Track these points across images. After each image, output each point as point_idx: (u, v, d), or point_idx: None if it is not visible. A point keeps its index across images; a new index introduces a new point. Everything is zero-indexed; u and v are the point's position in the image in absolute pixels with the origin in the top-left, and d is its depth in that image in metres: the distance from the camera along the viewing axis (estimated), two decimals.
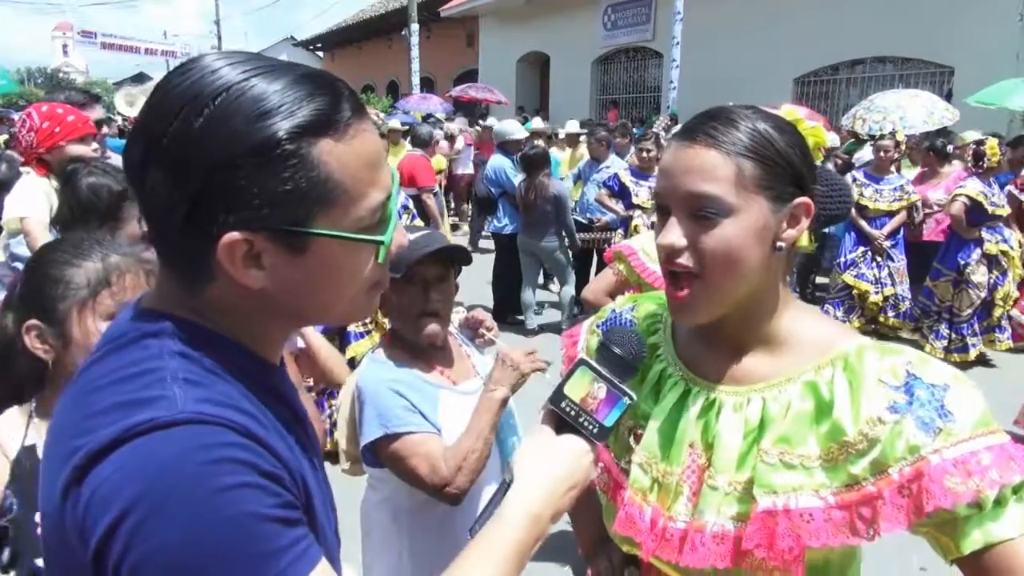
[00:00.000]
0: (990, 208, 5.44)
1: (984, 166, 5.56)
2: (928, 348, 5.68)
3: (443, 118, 13.69)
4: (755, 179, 0.92)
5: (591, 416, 0.89)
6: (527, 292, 6.46)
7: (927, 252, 6.11)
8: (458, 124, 12.63)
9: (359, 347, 3.93)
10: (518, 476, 0.85)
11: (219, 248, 0.66)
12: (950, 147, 6.54)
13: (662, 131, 7.40)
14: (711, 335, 1.05)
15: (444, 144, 10.70)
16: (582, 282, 6.46)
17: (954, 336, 5.71)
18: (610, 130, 8.11)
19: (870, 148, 7.14)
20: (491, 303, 6.75)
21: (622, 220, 6.03)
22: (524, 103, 19.30)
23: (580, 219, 6.58)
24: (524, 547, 0.80)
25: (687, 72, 12.53)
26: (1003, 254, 5.62)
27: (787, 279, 1.03)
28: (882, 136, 6.38)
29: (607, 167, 6.72)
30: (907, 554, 2.78)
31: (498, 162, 6.81)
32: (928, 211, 6.34)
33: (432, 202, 6.37)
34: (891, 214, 6.07)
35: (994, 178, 5.68)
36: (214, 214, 0.66)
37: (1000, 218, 5.57)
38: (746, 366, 1.01)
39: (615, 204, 6.05)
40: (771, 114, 0.98)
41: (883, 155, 6.13)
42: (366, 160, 0.71)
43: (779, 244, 0.95)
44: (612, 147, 7.26)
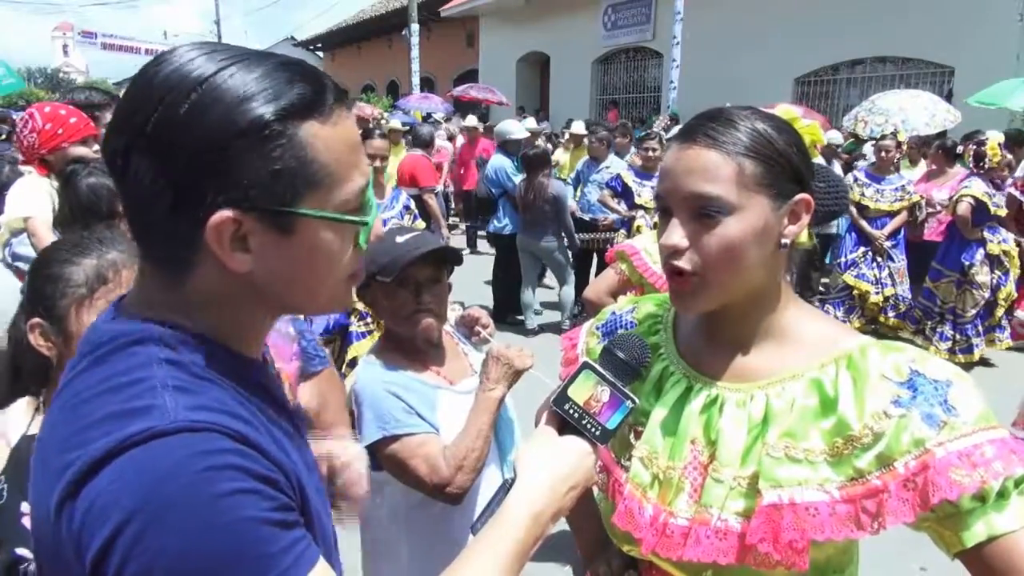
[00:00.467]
0: (993, 208, 5.45)
1: (985, 166, 5.56)
2: (932, 350, 5.67)
3: (443, 118, 13.69)
4: (756, 178, 0.93)
5: (594, 418, 0.90)
6: (527, 292, 6.46)
7: (927, 252, 6.11)
8: (457, 124, 12.62)
9: (360, 347, 3.93)
10: (520, 475, 0.86)
11: (208, 228, 0.66)
12: (960, 148, 6.53)
13: (662, 131, 7.41)
14: (713, 333, 1.06)
15: (447, 146, 10.70)
16: (581, 282, 6.47)
17: (959, 337, 5.71)
18: (610, 130, 8.12)
19: (871, 148, 7.14)
20: (491, 303, 6.76)
21: (625, 220, 6.04)
22: (524, 103, 19.30)
23: (583, 217, 6.58)
24: (525, 546, 0.81)
25: (687, 72, 12.53)
26: (1005, 254, 5.63)
27: (788, 276, 1.04)
28: (883, 136, 6.37)
29: (607, 167, 6.73)
30: (907, 554, 2.79)
31: (498, 162, 6.81)
32: (932, 211, 6.34)
33: (434, 202, 6.38)
34: (892, 214, 6.07)
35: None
36: (202, 196, 0.66)
37: (998, 218, 5.58)
38: (748, 363, 1.02)
39: (617, 205, 6.05)
40: (769, 114, 0.99)
41: (884, 155, 6.12)
42: (349, 144, 0.73)
43: (783, 241, 0.96)
44: (612, 147, 7.26)
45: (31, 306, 1.28)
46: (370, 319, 3.98)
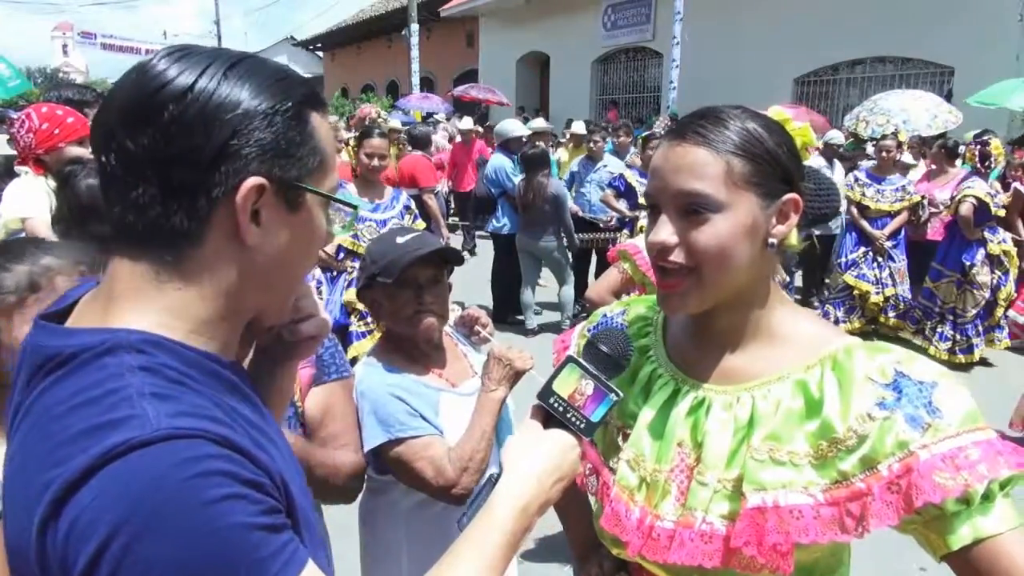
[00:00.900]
0: (994, 209, 5.44)
1: (991, 166, 5.56)
2: (932, 350, 5.69)
3: (444, 118, 13.68)
4: (744, 176, 0.92)
5: (578, 412, 0.91)
6: (526, 292, 6.46)
7: (928, 252, 6.11)
8: (455, 124, 12.61)
9: (361, 347, 3.94)
10: (506, 469, 0.87)
11: (240, 193, 0.69)
12: (961, 147, 6.53)
13: (662, 131, 7.40)
14: (701, 335, 1.05)
15: (448, 146, 10.68)
16: (579, 283, 6.47)
17: (959, 337, 5.71)
18: (613, 129, 8.13)
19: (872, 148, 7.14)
20: (490, 303, 6.75)
21: (628, 220, 6.04)
22: (524, 103, 19.31)
23: (585, 216, 6.57)
24: (512, 538, 0.82)
25: (687, 72, 12.53)
26: (1005, 254, 5.63)
27: (776, 277, 1.04)
28: (884, 136, 6.37)
29: (604, 166, 6.73)
30: (907, 554, 2.79)
31: (498, 161, 6.80)
32: (934, 211, 6.33)
33: (433, 202, 6.36)
34: (892, 214, 6.08)
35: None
36: (237, 164, 0.70)
37: (997, 218, 5.58)
38: (736, 365, 1.02)
39: (620, 204, 6.04)
40: (759, 114, 0.99)
41: (885, 155, 6.13)
42: (333, 142, 0.81)
43: (771, 241, 0.96)
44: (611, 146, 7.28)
45: None
46: (370, 318, 3.98)
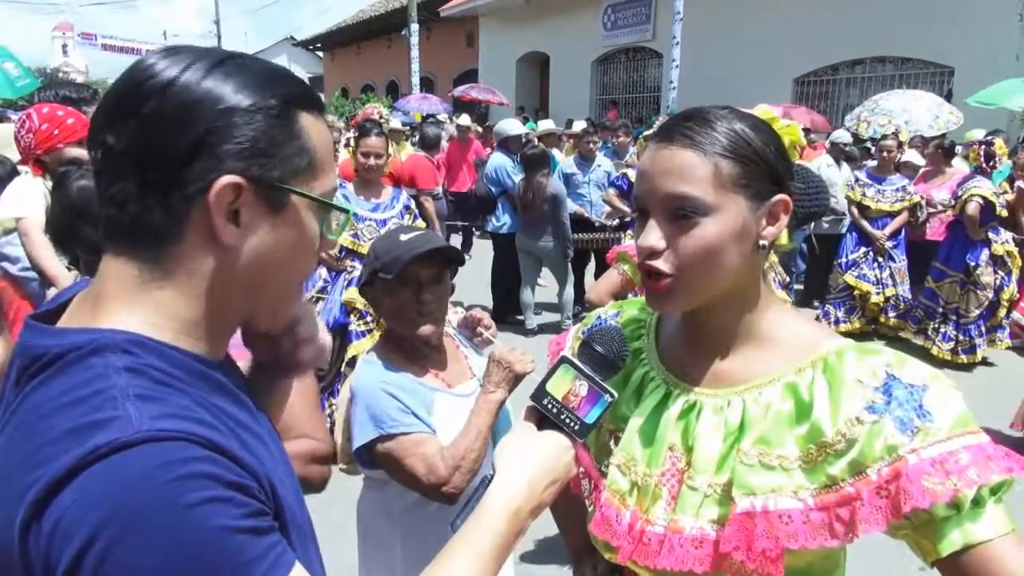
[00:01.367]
0: (999, 208, 5.44)
1: (995, 165, 5.55)
2: (935, 350, 5.70)
3: (445, 118, 13.66)
4: (733, 178, 0.91)
5: (572, 413, 0.90)
6: (526, 292, 6.45)
7: (928, 252, 6.11)
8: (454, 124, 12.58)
9: (360, 346, 3.94)
10: (499, 470, 0.87)
11: (213, 191, 0.68)
12: (958, 147, 6.54)
13: None
14: (693, 337, 1.05)
15: (444, 147, 10.64)
16: (579, 283, 6.46)
17: (962, 337, 5.70)
18: (614, 129, 8.13)
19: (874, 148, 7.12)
20: (491, 303, 6.75)
21: (630, 220, 6.02)
22: (524, 103, 19.31)
23: (588, 217, 6.56)
24: (504, 541, 0.81)
25: (687, 72, 12.52)
26: (1008, 255, 5.63)
27: (776, 277, 1.03)
28: (884, 136, 6.37)
29: (598, 166, 6.73)
30: (907, 554, 2.78)
31: (498, 161, 6.79)
32: (932, 210, 6.33)
33: (430, 205, 6.29)
34: (893, 214, 6.07)
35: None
36: (211, 161, 0.68)
37: (1000, 218, 5.58)
38: (727, 368, 1.01)
39: (623, 204, 6.04)
40: (747, 114, 0.98)
41: (886, 155, 6.12)
42: (329, 145, 0.79)
43: (761, 243, 0.95)
44: (608, 146, 7.28)
45: None
46: (370, 318, 3.98)
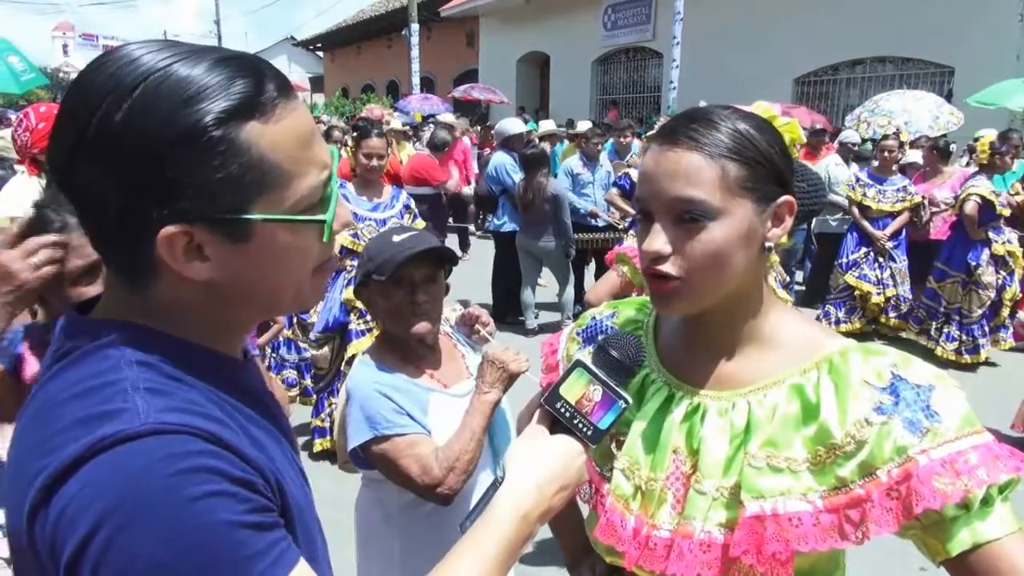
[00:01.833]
0: (999, 208, 5.43)
1: (1016, 155, 5.52)
2: (939, 351, 5.69)
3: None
4: (739, 181, 0.90)
5: (586, 418, 0.88)
6: (526, 292, 6.44)
7: (929, 252, 6.10)
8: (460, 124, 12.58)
9: (360, 345, 3.92)
10: (509, 474, 0.85)
11: (158, 243, 0.65)
12: (953, 146, 6.54)
13: None
14: (695, 338, 1.04)
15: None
16: (577, 283, 6.45)
17: (965, 338, 5.70)
18: (620, 129, 8.13)
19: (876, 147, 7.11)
20: (491, 302, 6.75)
21: (633, 220, 6.01)
22: (524, 103, 19.32)
23: (590, 217, 6.55)
24: (512, 545, 0.80)
25: (687, 72, 12.53)
26: (1009, 254, 5.62)
27: (776, 277, 1.03)
28: (885, 136, 6.36)
29: (600, 166, 6.73)
30: (907, 555, 2.78)
31: (499, 160, 6.79)
32: (935, 210, 6.32)
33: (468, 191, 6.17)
34: (894, 215, 6.07)
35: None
36: (148, 209, 0.64)
37: (1001, 217, 5.57)
38: (730, 370, 1.00)
39: (626, 204, 6.02)
40: (749, 113, 0.97)
41: (887, 155, 6.11)
42: (298, 139, 0.69)
43: (767, 245, 0.94)
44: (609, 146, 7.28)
45: None
46: (370, 316, 3.97)
